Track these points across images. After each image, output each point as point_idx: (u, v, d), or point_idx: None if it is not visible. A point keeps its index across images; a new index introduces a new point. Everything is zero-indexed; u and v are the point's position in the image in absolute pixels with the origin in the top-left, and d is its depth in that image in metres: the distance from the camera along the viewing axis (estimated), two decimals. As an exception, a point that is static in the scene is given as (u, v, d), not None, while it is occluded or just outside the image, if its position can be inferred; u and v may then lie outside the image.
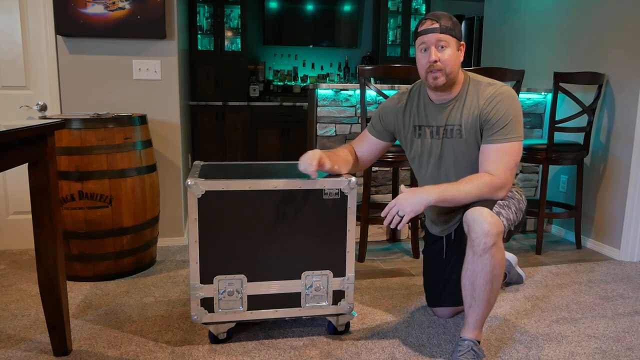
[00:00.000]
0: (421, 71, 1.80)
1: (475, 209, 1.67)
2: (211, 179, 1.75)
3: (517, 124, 1.76)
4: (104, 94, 2.87)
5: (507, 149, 1.74)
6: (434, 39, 1.73)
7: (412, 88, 1.98)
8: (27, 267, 2.65)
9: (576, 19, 3.30)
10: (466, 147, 1.84)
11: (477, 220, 1.64)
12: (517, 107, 1.77)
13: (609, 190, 3.04)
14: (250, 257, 1.80)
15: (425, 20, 1.76)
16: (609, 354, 1.87)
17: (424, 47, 1.76)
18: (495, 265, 1.66)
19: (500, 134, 1.75)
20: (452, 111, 1.83)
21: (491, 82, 1.84)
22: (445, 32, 1.72)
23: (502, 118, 1.74)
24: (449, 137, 1.85)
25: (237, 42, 5.20)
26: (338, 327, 1.95)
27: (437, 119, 1.87)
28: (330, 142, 3.05)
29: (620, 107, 2.95)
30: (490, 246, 1.63)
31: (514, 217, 1.77)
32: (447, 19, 1.74)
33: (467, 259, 1.69)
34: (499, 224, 1.65)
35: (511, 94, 1.79)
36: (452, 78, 1.77)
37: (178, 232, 3.10)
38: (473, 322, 1.73)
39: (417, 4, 5.79)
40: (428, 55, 1.74)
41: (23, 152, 1.55)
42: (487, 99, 1.78)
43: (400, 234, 3.26)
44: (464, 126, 1.81)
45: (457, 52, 1.77)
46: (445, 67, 1.74)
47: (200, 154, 4.76)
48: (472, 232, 1.65)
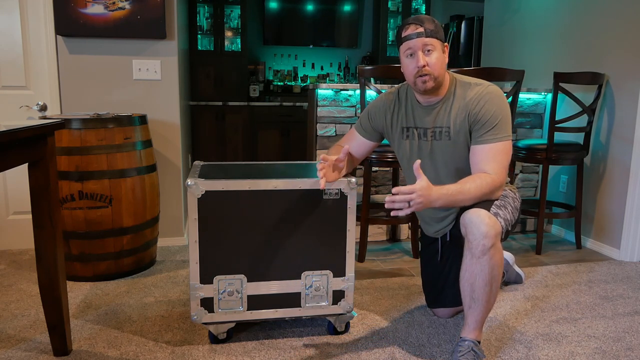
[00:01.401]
0: (409, 77, 1.79)
1: (472, 210, 1.67)
2: (211, 179, 1.75)
3: (506, 123, 1.75)
4: (104, 94, 2.87)
5: (499, 148, 1.74)
6: (420, 44, 1.72)
7: (400, 88, 1.97)
8: (27, 267, 2.65)
9: (576, 19, 3.30)
10: (455, 148, 1.83)
11: (475, 222, 1.63)
12: (505, 106, 1.76)
13: (609, 190, 3.04)
14: (250, 257, 1.80)
15: (409, 25, 1.74)
16: (609, 354, 1.87)
17: (410, 53, 1.75)
18: (494, 266, 1.65)
19: (490, 133, 1.74)
20: (440, 113, 1.83)
21: (478, 82, 1.83)
22: (430, 35, 1.72)
23: (492, 118, 1.73)
24: (438, 139, 1.85)
25: (237, 42, 5.20)
26: (338, 327, 1.95)
27: (425, 121, 1.86)
28: (330, 142, 3.05)
29: (620, 107, 2.95)
30: (489, 248, 1.62)
31: (511, 217, 1.77)
32: (430, 22, 1.73)
33: (465, 261, 1.69)
34: (497, 225, 1.64)
35: (498, 93, 1.78)
36: (440, 81, 1.77)
37: (178, 232, 3.10)
38: (473, 323, 1.73)
39: (417, 4, 5.78)
40: (416, 61, 1.73)
41: (23, 152, 1.55)
42: (475, 99, 1.77)
43: (401, 234, 3.26)
44: (453, 128, 1.80)
45: (442, 55, 1.76)
46: (434, 71, 1.73)
47: (200, 154, 4.76)
48: (469, 234, 1.65)
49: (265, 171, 1.94)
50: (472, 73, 2.36)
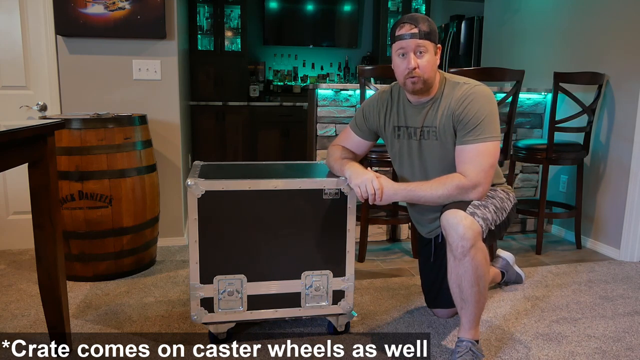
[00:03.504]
0: (399, 76, 1.79)
1: (450, 212, 1.66)
2: (211, 179, 1.75)
3: (490, 124, 1.73)
4: (104, 94, 2.87)
5: (480, 149, 1.72)
6: (413, 45, 1.71)
7: (393, 87, 1.96)
8: (27, 267, 2.65)
9: (576, 19, 3.30)
10: (442, 148, 1.83)
11: (452, 224, 1.63)
12: (489, 106, 1.74)
13: (609, 190, 3.04)
14: (250, 257, 1.80)
15: (404, 24, 1.73)
16: (609, 354, 1.87)
17: (402, 52, 1.75)
18: (478, 266, 1.65)
19: (472, 134, 1.73)
20: (429, 113, 1.83)
21: (466, 81, 1.82)
22: (424, 37, 1.71)
23: (474, 118, 1.72)
24: (426, 138, 1.85)
25: (237, 42, 5.20)
26: (338, 327, 1.95)
27: (414, 121, 1.86)
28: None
29: (620, 107, 2.95)
30: (469, 249, 1.62)
31: (493, 216, 1.74)
32: (425, 22, 1.73)
33: (450, 263, 1.70)
34: (475, 225, 1.63)
35: (484, 93, 1.76)
36: (429, 83, 1.77)
37: (178, 232, 3.09)
38: (468, 323, 1.74)
39: (417, 4, 5.78)
40: (407, 62, 1.73)
41: (23, 152, 1.55)
42: (459, 100, 1.76)
43: (401, 234, 3.26)
44: (439, 127, 1.80)
45: (434, 57, 1.76)
46: (424, 74, 1.73)
47: (200, 154, 4.75)
48: (449, 236, 1.66)
49: (265, 171, 1.94)
50: (472, 73, 2.35)
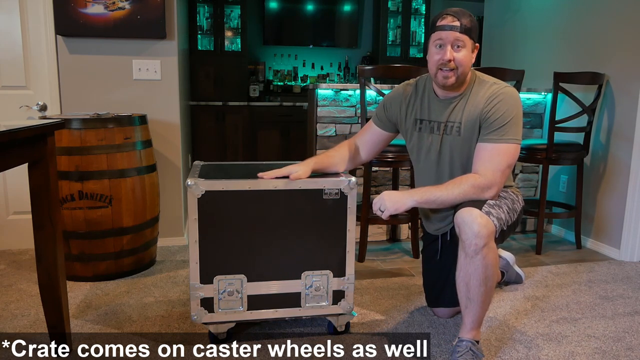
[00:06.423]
0: (432, 67, 1.78)
1: (465, 209, 1.66)
2: (211, 179, 1.75)
3: (514, 126, 1.74)
4: (104, 94, 2.87)
5: (501, 149, 1.73)
6: (452, 37, 1.71)
7: (419, 80, 1.96)
8: (27, 267, 2.65)
9: (576, 19, 3.30)
10: (463, 145, 1.83)
11: (467, 222, 1.63)
12: (517, 109, 1.76)
13: (609, 190, 3.04)
14: (250, 257, 1.80)
15: (447, 15, 1.73)
16: (609, 354, 1.87)
17: (439, 43, 1.74)
18: (488, 265, 1.65)
19: (496, 133, 1.74)
20: (455, 108, 1.83)
21: (496, 81, 1.83)
22: (464, 32, 1.71)
23: (500, 118, 1.74)
24: (449, 133, 1.85)
25: (237, 42, 5.20)
26: (338, 327, 1.95)
27: (439, 115, 1.86)
28: (330, 142, 3.05)
29: (620, 107, 2.95)
30: (482, 247, 1.62)
31: (506, 216, 1.75)
32: (468, 18, 1.73)
33: (460, 261, 1.70)
34: (490, 224, 1.64)
35: (514, 95, 1.78)
36: (462, 79, 1.77)
37: (178, 232, 3.09)
38: (470, 323, 1.73)
39: (417, 4, 5.78)
40: (443, 53, 1.72)
41: (23, 152, 1.54)
42: (489, 98, 1.77)
43: (401, 234, 3.26)
44: (464, 124, 1.81)
45: (471, 54, 1.76)
46: (458, 68, 1.73)
47: (200, 154, 4.75)
48: (462, 233, 1.65)
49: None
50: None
